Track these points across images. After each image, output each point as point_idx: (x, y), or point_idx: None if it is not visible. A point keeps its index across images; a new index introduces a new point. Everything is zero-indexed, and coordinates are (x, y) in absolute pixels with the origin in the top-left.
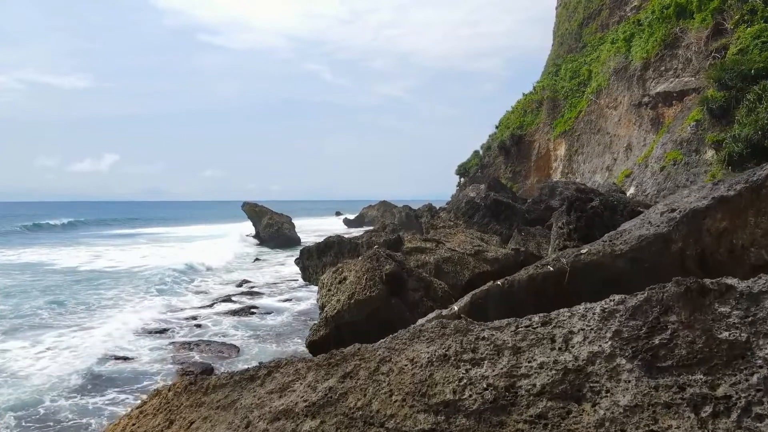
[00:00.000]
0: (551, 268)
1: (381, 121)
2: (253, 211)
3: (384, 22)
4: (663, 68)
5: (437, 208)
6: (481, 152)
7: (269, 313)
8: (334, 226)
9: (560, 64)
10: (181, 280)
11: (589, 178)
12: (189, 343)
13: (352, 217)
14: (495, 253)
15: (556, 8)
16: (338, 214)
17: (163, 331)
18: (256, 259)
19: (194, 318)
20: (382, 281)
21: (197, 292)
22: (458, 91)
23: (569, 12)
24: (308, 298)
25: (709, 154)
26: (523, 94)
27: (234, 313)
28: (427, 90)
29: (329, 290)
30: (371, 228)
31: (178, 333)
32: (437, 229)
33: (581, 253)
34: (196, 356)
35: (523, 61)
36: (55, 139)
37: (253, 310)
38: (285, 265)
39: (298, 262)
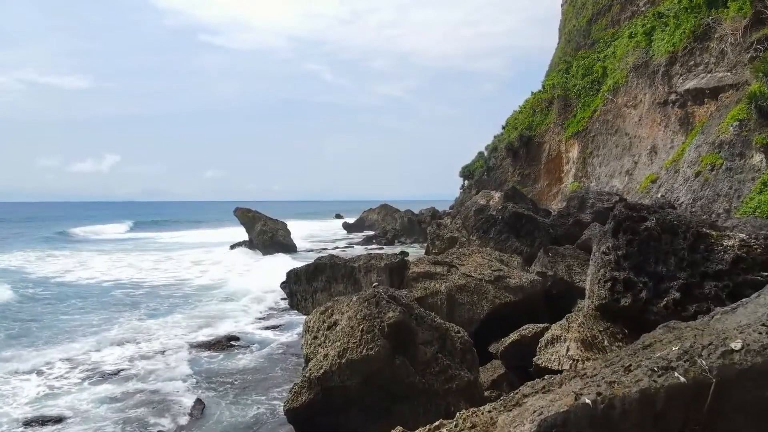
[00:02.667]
0: (682, 378)
1: (381, 122)
2: (246, 217)
3: (384, 22)
4: (692, 63)
5: (440, 212)
6: (486, 154)
7: (250, 346)
8: (332, 230)
9: (571, 61)
10: (162, 299)
11: (606, 182)
12: (143, 394)
13: (351, 221)
14: (518, 280)
15: (562, 5)
16: (338, 216)
17: (117, 373)
18: (249, 269)
19: (162, 353)
20: (383, 334)
21: (178, 315)
22: (458, 91)
23: (577, 9)
24: (297, 324)
25: (758, 158)
26: (532, 92)
27: (209, 346)
28: (427, 90)
29: (315, 337)
30: (371, 233)
31: (136, 376)
32: (443, 241)
33: (733, 350)
34: (148, 416)
35: (523, 61)
36: (55, 139)
37: (231, 342)
38: (280, 274)
39: (284, 286)
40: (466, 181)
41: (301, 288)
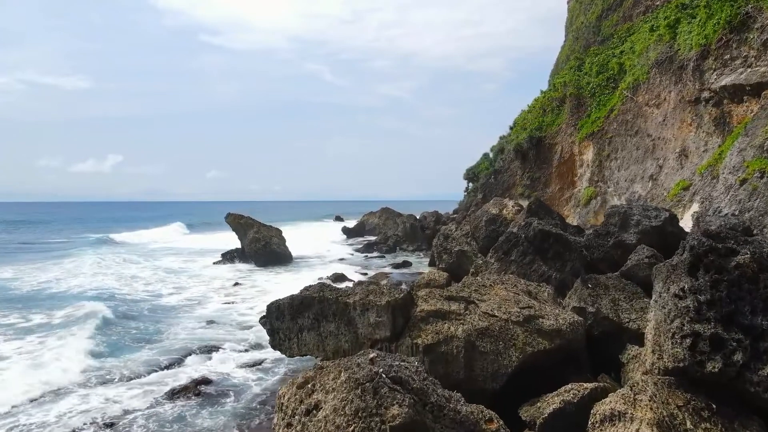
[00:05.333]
0: None
1: (382, 122)
2: (238, 223)
3: (385, 22)
4: (728, 57)
5: (444, 215)
6: (491, 155)
7: (223, 394)
8: (331, 235)
9: (583, 58)
10: (129, 322)
11: (627, 187)
12: None
13: (351, 225)
14: (554, 321)
15: (568, 2)
16: (338, 219)
17: None
18: (236, 284)
19: (111, 405)
20: None
21: (142, 347)
22: (460, 91)
23: (584, 5)
24: (282, 361)
25: None
26: (541, 91)
27: (173, 394)
28: (428, 90)
29: (289, 425)
30: (372, 238)
31: None
32: (451, 255)
33: None
34: None
35: (525, 62)
36: (56, 139)
37: (200, 387)
38: (269, 293)
39: (264, 322)
40: (471, 184)
41: (285, 325)
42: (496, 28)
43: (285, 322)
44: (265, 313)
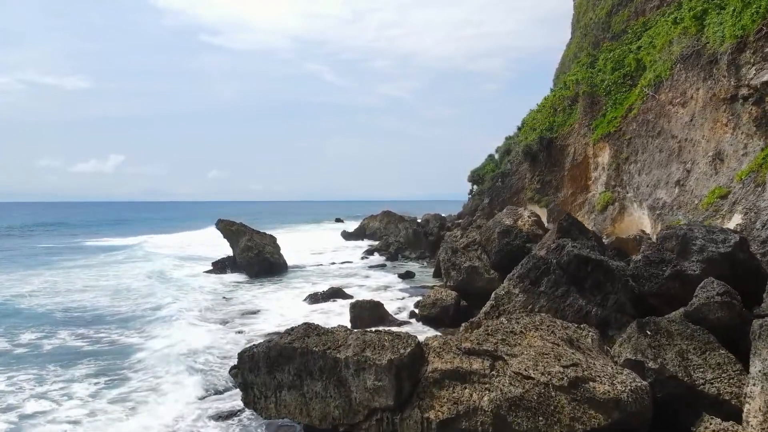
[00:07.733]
0: None
1: (382, 122)
2: (229, 231)
3: (385, 22)
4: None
5: (447, 217)
6: (496, 157)
7: None
8: (330, 239)
9: (596, 54)
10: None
11: (649, 194)
12: None
13: (351, 229)
14: (609, 385)
15: None
16: (338, 220)
17: None
18: (223, 297)
19: None
20: None
21: (92, 394)
22: (460, 91)
23: (592, 1)
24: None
25: None
26: (551, 89)
27: None
28: (428, 90)
29: None
30: (373, 243)
31: None
32: (461, 272)
33: None
34: None
35: (525, 62)
36: (57, 140)
37: None
38: (257, 312)
39: (235, 374)
40: (476, 186)
41: (260, 380)
42: (496, 28)
43: (260, 375)
44: (234, 365)
